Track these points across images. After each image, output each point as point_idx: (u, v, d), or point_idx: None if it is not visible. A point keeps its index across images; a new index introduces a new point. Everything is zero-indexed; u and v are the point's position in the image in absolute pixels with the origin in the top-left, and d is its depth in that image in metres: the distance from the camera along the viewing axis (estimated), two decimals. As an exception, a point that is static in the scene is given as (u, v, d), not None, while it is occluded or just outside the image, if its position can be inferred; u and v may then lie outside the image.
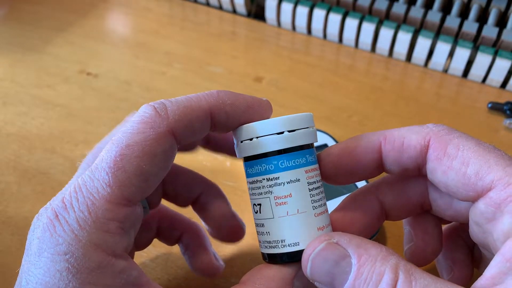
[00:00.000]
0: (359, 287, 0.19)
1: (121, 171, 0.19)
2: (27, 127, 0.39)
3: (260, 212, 0.20)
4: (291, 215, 0.20)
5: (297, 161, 0.20)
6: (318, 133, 0.33)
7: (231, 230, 0.27)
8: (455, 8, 0.44)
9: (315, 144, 0.26)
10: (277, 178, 0.20)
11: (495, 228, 0.19)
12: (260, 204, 0.20)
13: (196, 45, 0.47)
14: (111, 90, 0.42)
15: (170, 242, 0.28)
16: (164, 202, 0.27)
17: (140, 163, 0.19)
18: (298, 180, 0.20)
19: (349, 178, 0.23)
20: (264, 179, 0.20)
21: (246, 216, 0.28)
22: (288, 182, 0.20)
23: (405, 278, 0.18)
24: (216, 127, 0.21)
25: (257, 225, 0.21)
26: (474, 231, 0.21)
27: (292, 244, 0.20)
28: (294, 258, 0.20)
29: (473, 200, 0.20)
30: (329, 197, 0.30)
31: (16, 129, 0.39)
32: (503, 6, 0.43)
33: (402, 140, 0.21)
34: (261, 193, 0.20)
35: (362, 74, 0.44)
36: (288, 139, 0.20)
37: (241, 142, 0.21)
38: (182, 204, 0.27)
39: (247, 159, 0.21)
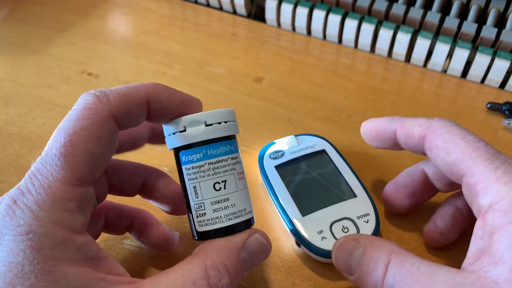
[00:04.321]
0: (364, 271, 0.23)
1: (72, 155, 0.20)
2: (28, 127, 0.39)
3: (225, 188, 0.23)
4: (246, 188, 0.24)
5: (237, 143, 0.25)
6: (317, 138, 0.35)
7: (184, 201, 0.28)
8: (454, 9, 0.45)
9: (316, 149, 0.34)
10: (237, 157, 0.24)
11: (473, 209, 0.24)
12: (225, 181, 0.23)
13: (196, 46, 0.48)
14: (111, 90, 0.43)
15: (120, 232, 0.29)
16: (111, 198, 0.28)
17: (88, 146, 0.21)
18: (241, 161, 0.24)
19: (379, 144, 0.30)
20: (229, 157, 0.23)
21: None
22: (241, 162, 0.24)
23: (396, 259, 0.22)
24: (152, 115, 0.23)
25: (218, 202, 0.23)
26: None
27: (250, 212, 0.24)
28: (251, 223, 0.24)
29: (459, 182, 0.25)
30: (329, 203, 0.31)
31: (18, 129, 0.39)
32: (502, 7, 0.43)
33: (408, 129, 0.27)
34: (226, 170, 0.23)
35: (362, 74, 0.45)
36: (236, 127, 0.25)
37: (208, 125, 0.23)
38: (130, 194, 0.28)
39: (200, 144, 0.23)
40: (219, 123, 0.23)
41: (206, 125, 0.23)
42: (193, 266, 0.21)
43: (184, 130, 0.23)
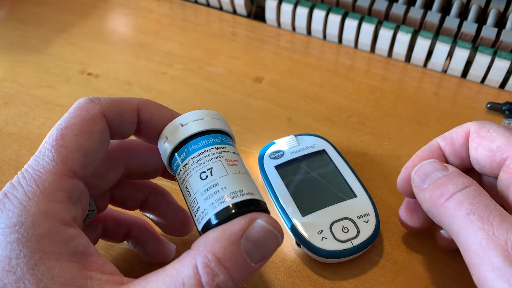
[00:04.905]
0: (438, 189, 0.24)
1: (63, 148, 0.21)
2: (28, 127, 0.39)
3: (212, 175, 0.22)
4: (242, 173, 0.23)
5: (230, 140, 0.24)
6: (317, 138, 0.35)
7: (183, 222, 0.29)
8: (454, 9, 0.45)
9: (316, 149, 0.34)
10: (224, 148, 0.23)
11: (509, 192, 0.24)
12: (211, 168, 0.22)
13: (196, 46, 0.48)
14: (112, 90, 0.43)
15: (117, 240, 0.29)
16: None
17: (80, 140, 0.21)
18: (236, 153, 0.24)
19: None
20: (213, 148, 0.23)
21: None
22: (231, 152, 0.23)
23: (472, 190, 0.23)
24: (142, 126, 0.24)
25: (207, 190, 0.22)
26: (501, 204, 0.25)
27: (250, 193, 0.22)
28: (252, 205, 0.22)
29: (496, 171, 0.25)
30: (329, 203, 0.31)
31: (17, 129, 0.39)
32: (502, 7, 0.43)
33: (452, 135, 0.27)
34: (211, 158, 0.22)
35: (362, 74, 0.45)
36: (225, 123, 0.25)
37: (184, 125, 0.23)
38: (131, 208, 0.28)
39: (182, 144, 0.23)
40: (194, 121, 0.24)
41: (182, 126, 0.24)
42: (183, 264, 0.19)
43: (167, 139, 0.24)
